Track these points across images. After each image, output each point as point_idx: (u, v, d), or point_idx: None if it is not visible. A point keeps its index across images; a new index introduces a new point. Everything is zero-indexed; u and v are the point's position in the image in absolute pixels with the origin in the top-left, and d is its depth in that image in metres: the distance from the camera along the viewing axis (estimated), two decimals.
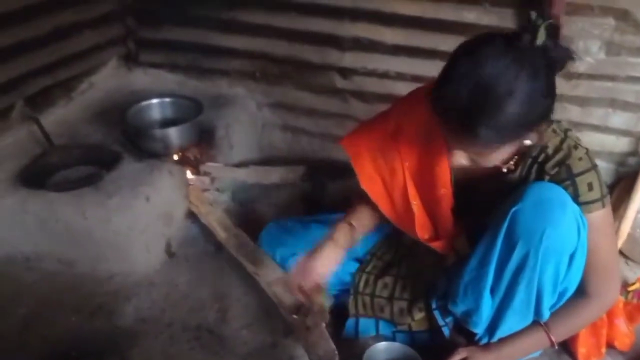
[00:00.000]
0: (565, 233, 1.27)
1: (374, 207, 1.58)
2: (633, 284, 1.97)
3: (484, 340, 1.51)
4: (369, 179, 1.54)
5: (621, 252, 2.09)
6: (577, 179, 1.30)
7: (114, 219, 1.81)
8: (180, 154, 2.09)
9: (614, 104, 2.09)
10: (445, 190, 1.45)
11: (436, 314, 1.60)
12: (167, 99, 2.23)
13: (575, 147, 1.33)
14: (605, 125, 2.13)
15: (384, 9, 2.19)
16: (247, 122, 2.48)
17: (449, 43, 2.05)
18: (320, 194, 2.34)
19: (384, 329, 1.69)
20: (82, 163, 2.03)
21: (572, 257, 1.32)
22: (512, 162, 1.36)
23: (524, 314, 1.42)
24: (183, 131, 2.03)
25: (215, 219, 2.00)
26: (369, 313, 1.69)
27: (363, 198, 1.59)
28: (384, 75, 2.28)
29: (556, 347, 1.49)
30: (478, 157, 1.26)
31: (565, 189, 1.30)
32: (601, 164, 2.19)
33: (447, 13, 2.11)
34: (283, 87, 2.49)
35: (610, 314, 1.66)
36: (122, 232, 1.82)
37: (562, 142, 1.34)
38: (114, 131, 2.19)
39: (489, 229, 1.36)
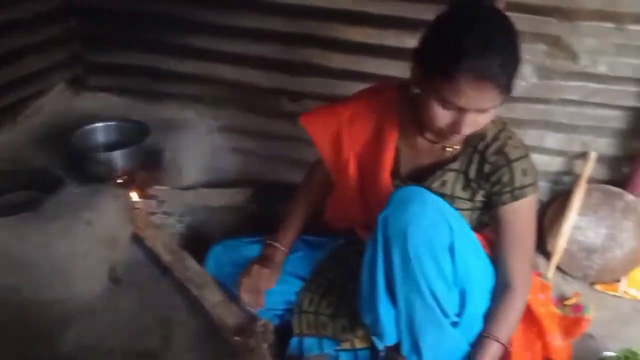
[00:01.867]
0: (429, 229, 1.32)
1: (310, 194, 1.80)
2: (570, 298, 2.05)
3: (413, 358, 1.52)
4: (327, 156, 1.63)
5: (559, 268, 2.17)
6: (514, 165, 1.40)
7: (55, 244, 1.77)
8: (125, 177, 2.08)
9: (548, 125, 2.19)
10: (386, 177, 1.53)
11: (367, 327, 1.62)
12: (112, 123, 2.22)
13: (511, 137, 1.43)
14: (541, 145, 2.22)
15: (332, 35, 2.25)
16: (197, 145, 2.48)
17: (393, 67, 2.15)
18: (269, 215, 2.36)
19: (328, 347, 1.69)
20: (24, 188, 2.00)
21: (452, 250, 1.37)
22: (456, 145, 1.46)
23: (433, 320, 1.42)
24: (128, 154, 2.03)
25: (161, 243, 1.98)
26: (313, 331, 1.70)
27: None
28: (332, 98, 2.32)
29: (510, 349, 1.49)
30: (476, 118, 1.30)
31: (502, 175, 1.40)
32: None
33: (390, 40, 2.18)
34: (233, 110, 2.52)
35: (543, 329, 1.71)
36: (64, 258, 1.79)
37: (500, 131, 1.43)
38: (58, 155, 2.17)
39: (371, 236, 1.41)
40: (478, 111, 1.28)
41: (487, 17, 1.28)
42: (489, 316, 1.48)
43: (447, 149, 1.49)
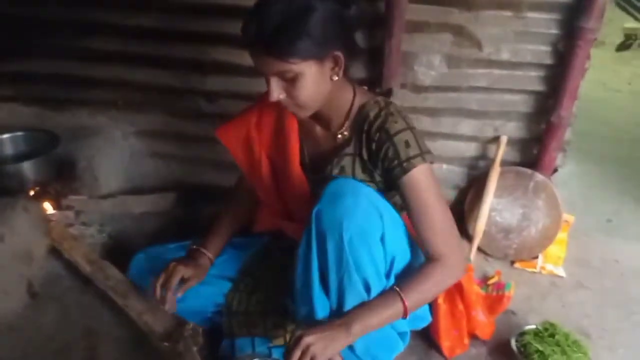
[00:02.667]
0: (363, 220, 1.36)
1: (239, 201, 1.81)
2: (492, 277, 2.13)
3: (344, 350, 1.52)
4: (242, 163, 1.68)
5: (480, 249, 2.25)
6: (395, 139, 1.42)
7: None
8: (37, 189, 2.00)
9: (461, 112, 2.26)
10: (296, 168, 1.57)
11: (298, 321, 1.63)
12: (20, 133, 2.13)
13: (392, 113, 1.45)
14: (455, 133, 2.29)
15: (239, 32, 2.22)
16: (113, 151, 2.41)
17: None
18: (194, 219, 2.32)
19: (260, 345, 1.69)
20: None
21: (383, 240, 1.41)
22: (345, 131, 1.52)
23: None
24: (38, 165, 1.95)
25: (80, 254, 1.91)
26: (244, 332, 1.69)
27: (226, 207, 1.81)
28: (248, 97, 2.28)
29: (407, 317, 1.44)
30: (291, 86, 1.35)
31: (387, 150, 1.43)
32: (455, 168, 2.37)
33: None
34: (148, 114, 2.45)
35: (468, 306, 1.78)
36: None
37: (380, 110, 1.47)
38: None
39: (305, 229, 1.42)
40: (278, 76, 1.34)
41: None
42: (405, 278, 1.48)
43: (338, 135, 1.54)
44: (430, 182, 1.45)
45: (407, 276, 1.49)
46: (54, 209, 2.06)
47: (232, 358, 1.68)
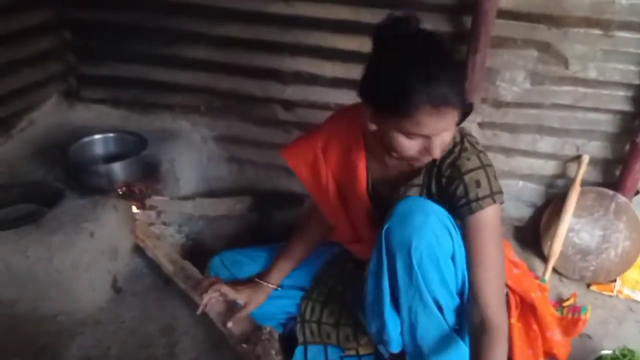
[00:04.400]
0: (432, 239, 1.33)
1: (311, 230, 1.79)
2: (567, 299, 2.08)
3: None
4: (308, 184, 1.67)
5: (555, 270, 2.20)
6: (466, 177, 1.38)
7: (57, 256, 1.78)
8: (124, 188, 2.08)
9: (541, 129, 2.22)
10: (362, 194, 1.57)
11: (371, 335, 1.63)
12: (111, 135, 2.22)
13: (465, 149, 1.41)
14: (534, 150, 2.25)
15: (323, 44, 2.27)
16: (192, 155, 2.50)
17: None
18: (268, 224, 2.37)
19: (333, 354, 1.71)
20: (22, 201, 1.99)
21: (454, 258, 1.40)
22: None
23: (436, 328, 1.44)
24: (126, 166, 2.03)
25: (162, 253, 1.99)
26: (317, 340, 1.71)
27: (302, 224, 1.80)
28: (325, 106, 2.35)
29: None
30: (434, 140, 1.29)
31: (457, 187, 1.38)
32: (532, 186, 2.33)
33: None
34: (227, 120, 2.53)
35: (542, 327, 1.74)
36: (66, 270, 1.79)
37: (455, 146, 1.42)
38: (55, 168, 2.16)
39: (375, 247, 1.42)
40: (445, 130, 1.29)
41: (419, 43, 1.28)
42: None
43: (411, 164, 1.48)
44: (494, 227, 1.39)
45: (478, 354, 1.35)
46: (139, 208, 2.14)
47: None
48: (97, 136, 2.20)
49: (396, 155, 1.36)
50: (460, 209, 1.39)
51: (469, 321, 1.40)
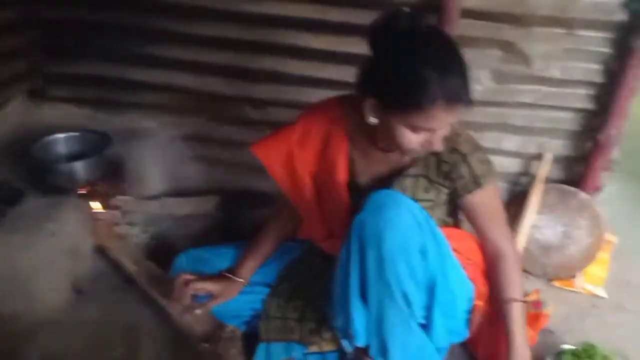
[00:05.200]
0: (404, 232, 1.35)
1: (280, 226, 1.80)
2: (530, 295, 2.10)
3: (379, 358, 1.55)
4: (281, 180, 1.66)
5: None
6: (469, 158, 1.49)
7: (17, 256, 1.75)
8: (87, 188, 2.06)
9: (505, 128, 2.25)
10: (342, 189, 1.58)
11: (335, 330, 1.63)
12: (74, 133, 2.20)
13: (458, 134, 1.50)
14: (498, 148, 2.28)
15: (293, 42, 2.27)
16: (160, 154, 2.47)
17: (352, 74, 2.17)
18: (237, 224, 2.36)
19: (295, 351, 1.70)
20: None
21: (424, 252, 1.40)
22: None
23: (402, 322, 1.45)
24: (89, 165, 2.01)
25: (125, 253, 1.98)
26: (280, 337, 1.71)
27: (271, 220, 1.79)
28: (295, 105, 2.34)
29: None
30: (438, 134, 1.36)
31: (462, 169, 1.49)
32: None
33: (353, 47, 2.20)
34: (196, 118, 2.52)
35: None
36: (26, 270, 1.77)
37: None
38: (18, 167, 2.14)
39: (344, 240, 1.43)
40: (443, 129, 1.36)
41: (432, 38, 1.34)
42: (500, 285, 1.58)
43: (406, 157, 1.54)
44: (497, 194, 1.62)
45: (500, 282, 1.58)
46: (102, 208, 2.12)
47: None
48: (60, 135, 2.18)
49: (400, 151, 1.44)
50: (467, 186, 1.52)
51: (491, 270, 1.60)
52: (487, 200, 1.56)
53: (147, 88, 2.48)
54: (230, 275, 1.74)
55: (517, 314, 1.54)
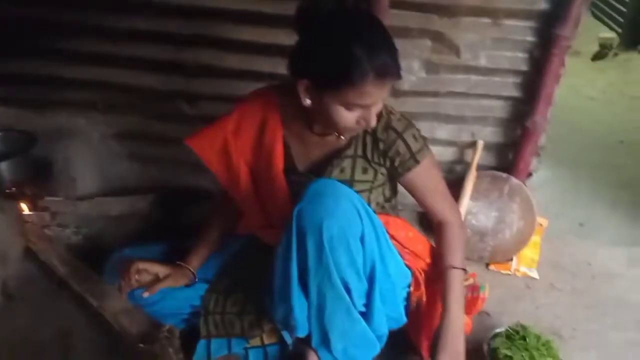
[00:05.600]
0: (343, 220, 1.37)
1: (223, 217, 1.79)
2: (467, 279, 2.15)
3: (321, 350, 1.56)
4: (218, 172, 1.66)
5: None
6: (404, 135, 1.53)
7: None
8: (13, 189, 1.98)
9: (438, 117, 2.29)
10: (278, 176, 1.59)
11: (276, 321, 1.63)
12: None
13: (391, 112, 1.55)
14: (432, 137, 2.31)
15: (226, 35, 2.24)
16: (90, 153, 2.40)
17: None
18: (174, 221, 2.32)
19: (236, 346, 1.69)
20: None
21: (363, 240, 1.43)
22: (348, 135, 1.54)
23: (342, 310, 1.47)
24: (13, 165, 1.94)
25: (56, 255, 1.90)
26: (221, 332, 1.69)
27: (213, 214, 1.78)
28: (230, 99, 2.28)
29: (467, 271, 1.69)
30: (372, 110, 1.39)
31: (398, 147, 1.53)
32: None
33: (283, 38, 2.19)
34: (128, 116, 2.44)
35: None
36: None
37: (381, 110, 1.50)
38: None
39: (284, 229, 1.43)
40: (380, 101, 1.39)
41: (358, 16, 1.39)
42: (441, 252, 1.65)
43: (340, 138, 1.56)
44: (435, 165, 1.66)
45: (442, 249, 1.64)
46: (30, 210, 2.04)
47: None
48: None
49: (336, 130, 1.47)
50: (405, 163, 1.57)
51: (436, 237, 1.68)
52: (427, 173, 1.61)
53: (75, 85, 2.38)
54: (180, 263, 1.72)
55: (455, 282, 1.59)
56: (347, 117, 1.39)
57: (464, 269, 1.64)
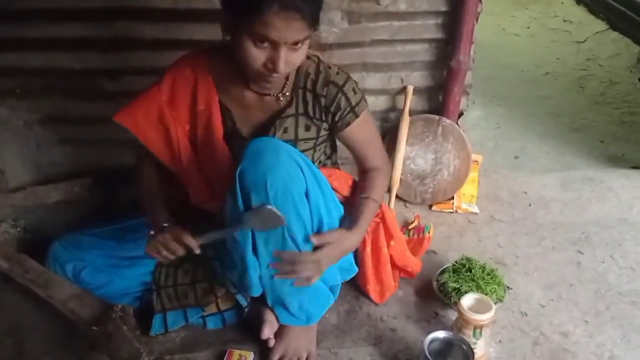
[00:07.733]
0: (286, 175, 1.39)
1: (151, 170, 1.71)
2: (412, 222, 2.22)
3: (277, 308, 1.61)
4: (155, 145, 1.59)
5: (398, 197, 2.33)
6: (344, 89, 1.55)
7: None
8: None
9: (366, 67, 2.29)
10: (219, 142, 1.57)
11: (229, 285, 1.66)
12: None
13: (329, 67, 1.56)
14: (363, 87, 2.29)
15: (137, 4, 2.15)
16: (17, 143, 2.31)
17: (205, 31, 2.12)
18: (114, 202, 2.27)
19: (193, 316, 1.71)
20: None
21: (307, 195, 1.45)
22: (286, 92, 1.54)
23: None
24: None
25: None
26: (175, 304, 1.70)
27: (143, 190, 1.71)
28: (151, 71, 2.20)
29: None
30: (290, 55, 1.36)
31: (339, 101, 1.55)
32: None
33: (198, 2, 2.14)
34: (50, 99, 2.33)
35: (394, 236, 1.85)
36: None
37: (317, 65, 1.55)
38: None
39: (229, 192, 1.44)
40: (290, 46, 1.34)
41: None
42: (364, 187, 1.68)
43: (280, 98, 1.55)
44: (370, 119, 1.71)
45: (365, 185, 1.68)
46: None
47: (166, 333, 1.70)
48: None
49: (249, 76, 1.45)
50: (345, 117, 1.59)
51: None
52: (364, 127, 1.65)
53: None
54: (165, 225, 1.59)
55: (368, 210, 1.63)
56: (256, 55, 1.34)
57: (380, 205, 1.73)
